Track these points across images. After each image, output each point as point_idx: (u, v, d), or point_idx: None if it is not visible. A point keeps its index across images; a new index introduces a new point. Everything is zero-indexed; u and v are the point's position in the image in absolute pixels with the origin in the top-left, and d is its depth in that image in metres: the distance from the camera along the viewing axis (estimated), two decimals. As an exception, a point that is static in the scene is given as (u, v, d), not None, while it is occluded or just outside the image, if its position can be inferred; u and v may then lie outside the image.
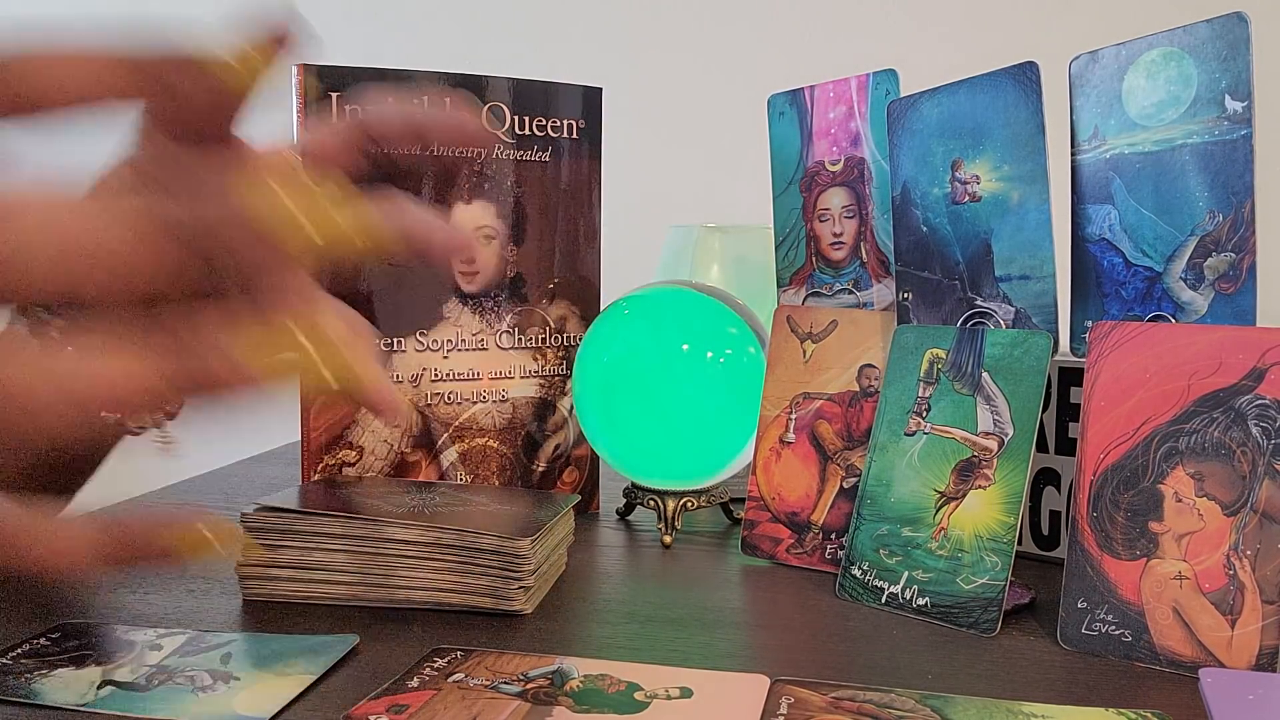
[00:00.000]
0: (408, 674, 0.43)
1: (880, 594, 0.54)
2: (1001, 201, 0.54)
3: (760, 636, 0.51)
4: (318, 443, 0.67)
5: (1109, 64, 0.51)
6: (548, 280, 0.73)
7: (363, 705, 0.39)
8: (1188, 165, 0.49)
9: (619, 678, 0.43)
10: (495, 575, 0.51)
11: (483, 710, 0.39)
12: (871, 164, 0.62)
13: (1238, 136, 0.47)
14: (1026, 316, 0.54)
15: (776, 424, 0.64)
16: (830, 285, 0.65)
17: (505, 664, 0.44)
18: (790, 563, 0.62)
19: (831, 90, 0.64)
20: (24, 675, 0.42)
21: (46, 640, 0.46)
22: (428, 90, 0.67)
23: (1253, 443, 0.45)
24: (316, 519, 0.52)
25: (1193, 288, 0.49)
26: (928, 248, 0.58)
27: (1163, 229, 0.50)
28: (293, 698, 0.41)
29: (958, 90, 0.56)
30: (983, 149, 0.55)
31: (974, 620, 0.50)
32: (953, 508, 0.53)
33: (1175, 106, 0.49)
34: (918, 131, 0.58)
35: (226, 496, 0.78)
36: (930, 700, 0.41)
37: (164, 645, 0.46)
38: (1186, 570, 0.46)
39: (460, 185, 0.69)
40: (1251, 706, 0.41)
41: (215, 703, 0.40)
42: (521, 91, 0.70)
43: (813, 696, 0.42)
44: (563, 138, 0.72)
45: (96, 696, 0.40)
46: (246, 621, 0.50)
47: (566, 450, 0.74)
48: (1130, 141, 0.51)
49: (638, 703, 0.41)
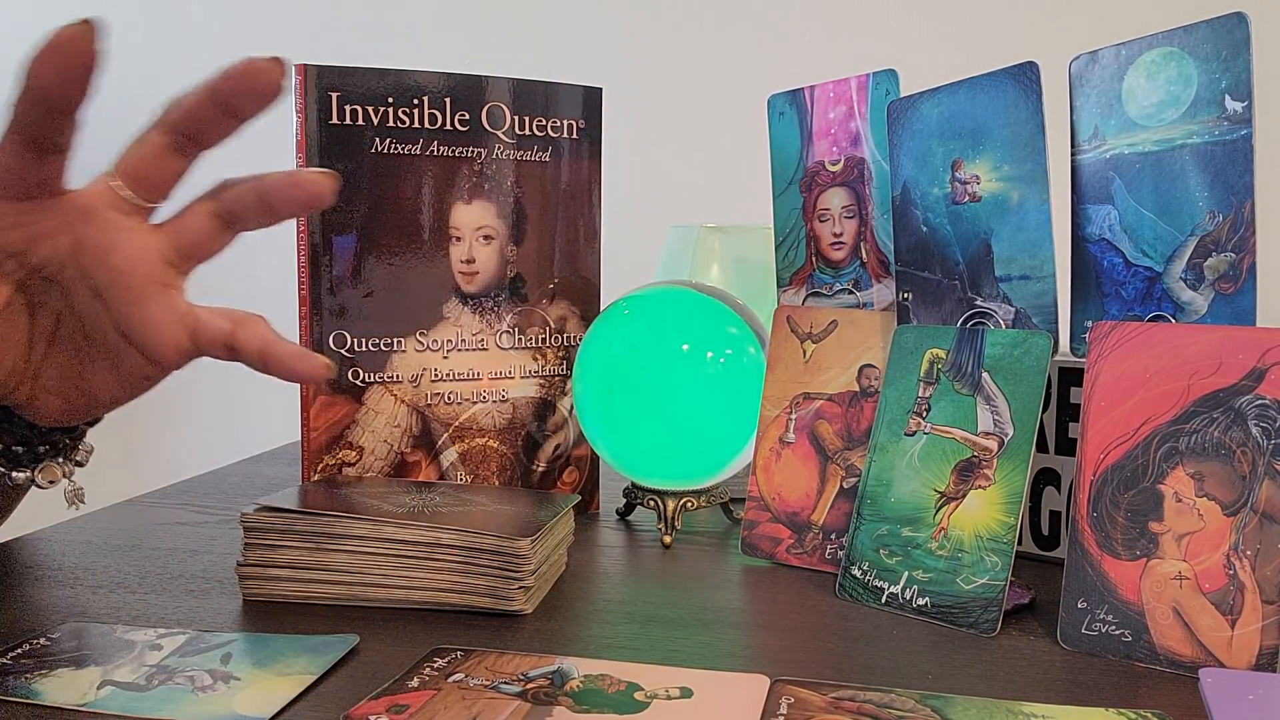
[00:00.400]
0: (408, 674, 0.43)
1: (880, 594, 0.54)
2: (1001, 201, 0.54)
3: (760, 636, 0.51)
4: (318, 443, 0.67)
5: (1109, 64, 0.51)
6: (548, 280, 0.73)
7: (363, 705, 0.39)
8: (1188, 165, 0.49)
9: (619, 678, 0.43)
10: (495, 575, 0.51)
11: (483, 710, 0.39)
12: (871, 164, 0.62)
13: (1238, 136, 0.47)
14: (1026, 316, 0.54)
15: (776, 424, 0.64)
16: (830, 285, 0.65)
17: (505, 664, 0.44)
18: (790, 563, 0.62)
19: (831, 90, 0.64)
20: (24, 675, 0.42)
21: (46, 640, 0.46)
22: (428, 90, 0.67)
23: (1253, 443, 0.45)
24: (316, 519, 0.52)
25: (1193, 288, 0.49)
26: (928, 248, 0.58)
27: (1163, 229, 0.50)
28: (293, 698, 0.41)
29: (958, 90, 0.56)
30: (983, 149, 0.55)
31: (974, 620, 0.50)
32: (953, 508, 0.53)
33: (1175, 106, 0.49)
34: (918, 131, 0.58)
35: (226, 496, 0.78)
36: (930, 700, 0.41)
37: (164, 645, 0.46)
38: (1186, 570, 0.46)
39: (460, 185, 0.69)
40: (1251, 706, 0.41)
41: (215, 703, 0.40)
42: (521, 91, 0.70)
43: (813, 696, 0.42)
44: (563, 138, 0.72)
45: (96, 696, 0.40)
46: (246, 621, 0.50)
47: (566, 450, 0.74)
48: (1130, 141, 0.51)
49: (638, 703, 0.41)
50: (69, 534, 0.65)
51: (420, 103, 0.67)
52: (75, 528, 0.67)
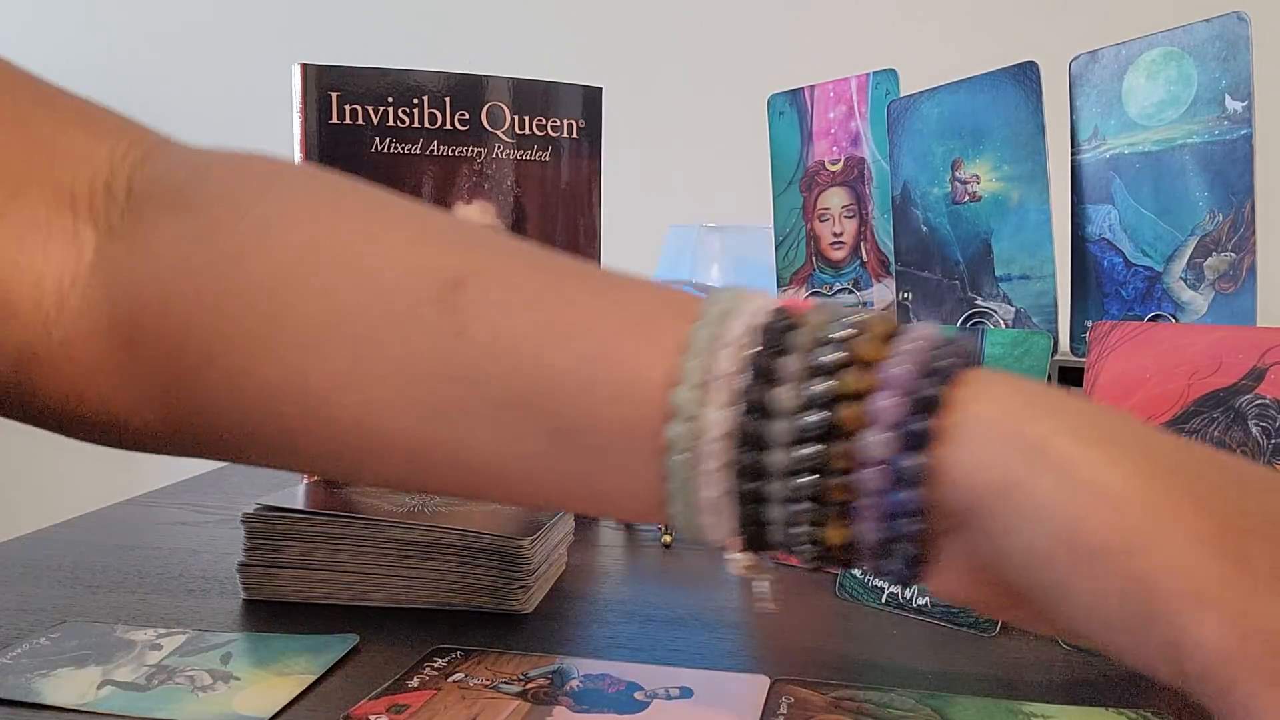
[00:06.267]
0: (408, 674, 0.43)
1: (880, 593, 0.54)
2: (1001, 201, 0.54)
3: (761, 636, 0.51)
4: (318, 443, 0.67)
5: (1109, 64, 0.51)
6: (548, 280, 0.72)
7: (363, 705, 0.39)
8: (1188, 165, 0.49)
9: (619, 677, 0.43)
10: (495, 575, 0.51)
11: (483, 710, 0.39)
12: (871, 164, 0.62)
13: (1238, 136, 0.47)
14: (1026, 316, 0.54)
15: (776, 424, 0.64)
16: (830, 285, 0.65)
17: (505, 664, 0.44)
18: (790, 562, 0.62)
19: (831, 90, 0.64)
20: (24, 675, 0.42)
21: (46, 640, 0.46)
22: (428, 90, 0.67)
23: (1253, 443, 0.45)
24: (317, 519, 0.52)
25: (1193, 288, 0.49)
26: (928, 248, 0.58)
27: (1163, 229, 0.50)
28: (293, 697, 0.41)
29: (958, 90, 0.56)
30: (983, 149, 0.55)
31: (975, 620, 0.50)
32: (953, 508, 0.53)
33: (1175, 106, 0.49)
34: (918, 131, 0.58)
35: (227, 496, 0.78)
36: (930, 700, 0.41)
37: (164, 645, 0.46)
38: (1186, 570, 0.46)
39: (460, 185, 0.69)
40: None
41: (215, 702, 0.40)
42: (521, 91, 0.70)
43: (813, 696, 0.42)
44: (563, 137, 0.72)
45: (96, 696, 0.40)
46: (246, 621, 0.50)
47: (566, 450, 0.74)
48: (1130, 141, 0.51)
49: (637, 702, 0.41)
50: (69, 533, 0.65)
51: (420, 102, 0.67)
52: (75, 527, 0.67)
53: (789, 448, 0.31)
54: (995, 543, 0.29)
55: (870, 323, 0.32)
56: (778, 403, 0.31)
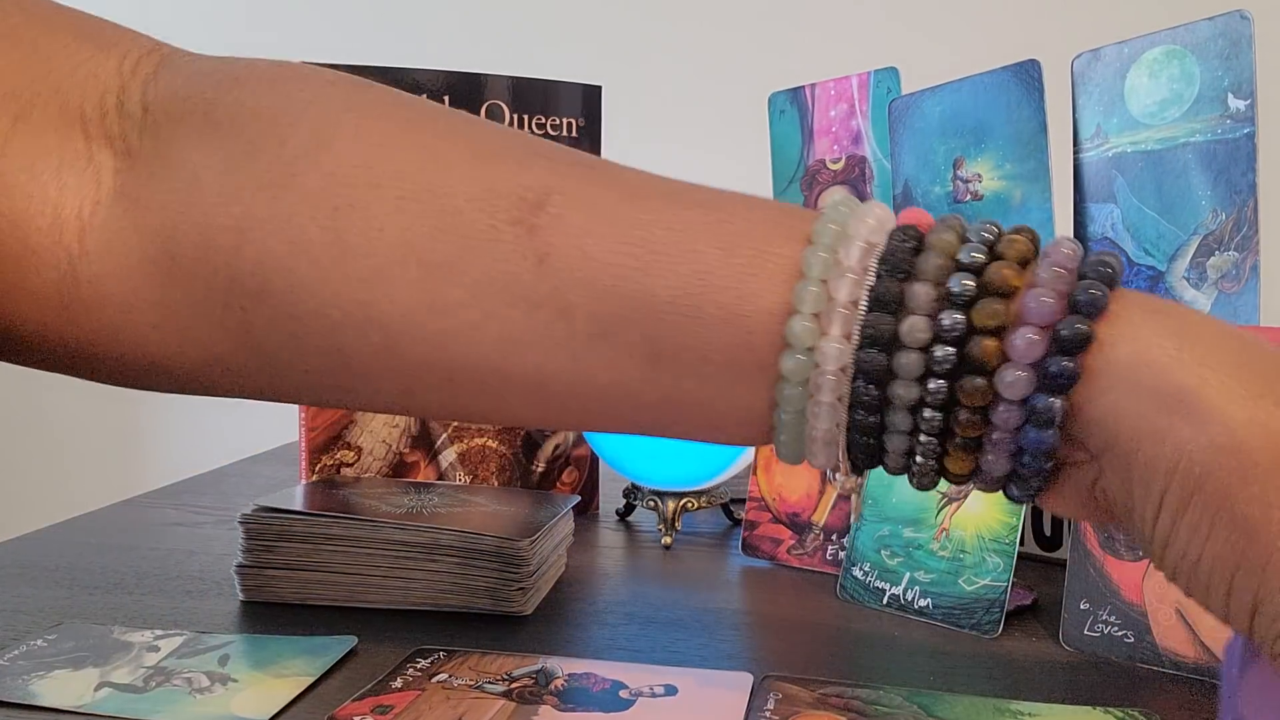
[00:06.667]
0: (391, 675, 0.42)
1: (882, 595, 0.54)
2: (1004, 200, 0.54)
3: (761, 638, 0.51)
4: (316, 443, 0.67)
5: (1111, 62, 0.51)
6: (547, 280, 0.72)
7: (347, 706, 0.39)
8: (1190, 164, 0.48)
9: (604, 676, 0.43)
10: (495, 576, 0.51)
11: (468, 710, 0.39)
12: (873, 162, 0.62)
13: (1240, 135, 0.47)
14: (1028, 316, 0.54)
15: (777, 424, 0.64)
16: (831, 285, 0.65)
17: (489, 664, 0.44)
18: (791, 564, 0.62)
19: (832, 88, 0.63)
20: (21, 676, 0.42)
21: (44, 641, 0.46)
22: (427, 88, 0.67)
23: (1256, 443, 0.45)
24: (315, 520, 0.52)
25: (1195, 287, 0.49)
26: (929, 247, 0.58)
27: (1165, 228, 0.50)
28: (290, 699, 0.41)
29: (960, 88, 0.56)
30: (985, 147, 0.55)
31: (976, 621, 0.50)
32: (954, 508, 0.53)
33: (1178, 105, 0.49)
34: (919, 130, 0.57)
35: (225, 496, 0.77)
36: (917, 697, 0.41)
37: (162, 646, 0.46)
38: (1189, 571, 0.46)
39: (459, 184, 0.69)
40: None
41: (213, 704, 0.40)
42: (521, 90, 0.70)
43: (800, 692, 0.41)
44: (563, 137, 0.72)
45: (94, 698, 0.40)
46: (244, 622, 0.50)
47: (566, 450, 0.74)
48: (1133, 140, 0.51)
49: (622, 700, 0.40)
50: (66, 534, 0.65)
51: (419, 101, 0.67)
52: (72, 528, 0.67)
53: (915, 383, 0.28)
54: (1124, 484, 0.28)
55: (1006, 245, 0.29)
56: (904, 335, 0.28)
